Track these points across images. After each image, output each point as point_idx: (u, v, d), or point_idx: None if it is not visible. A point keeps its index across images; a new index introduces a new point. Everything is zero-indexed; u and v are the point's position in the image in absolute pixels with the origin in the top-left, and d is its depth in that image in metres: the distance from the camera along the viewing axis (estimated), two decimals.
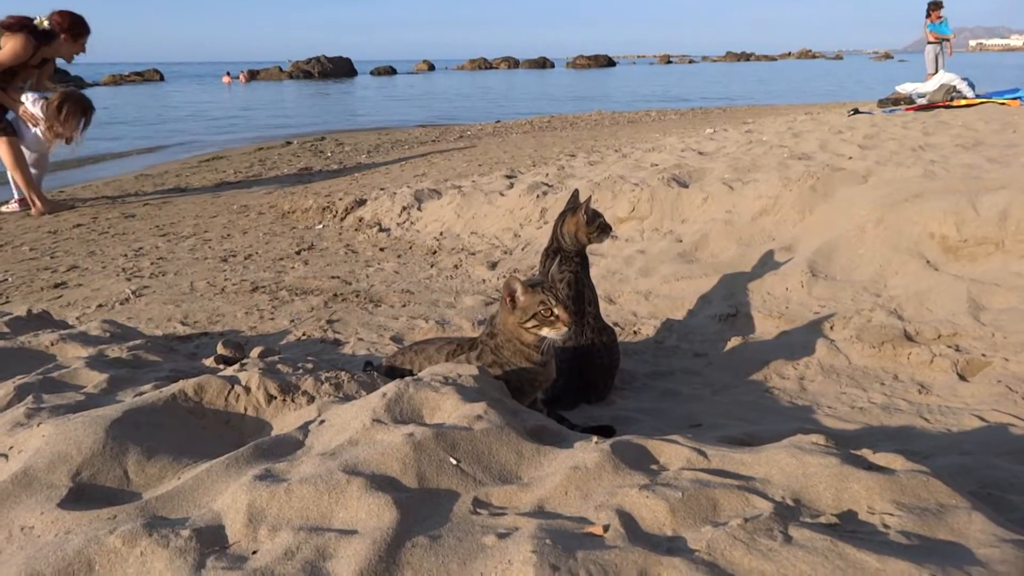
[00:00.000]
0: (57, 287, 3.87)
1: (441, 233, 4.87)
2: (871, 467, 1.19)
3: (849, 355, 2.55)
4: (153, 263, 4.33)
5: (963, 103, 8.91)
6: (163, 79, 45.84)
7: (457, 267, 4.12)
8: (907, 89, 10.17)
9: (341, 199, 5.73)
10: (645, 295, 3.37)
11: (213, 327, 3.18)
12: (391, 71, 53.65)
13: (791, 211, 3.83)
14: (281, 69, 45.86)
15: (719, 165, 5.21)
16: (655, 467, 1.27)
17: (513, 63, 68.92)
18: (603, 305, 2.93)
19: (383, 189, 6.18)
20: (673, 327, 3.00)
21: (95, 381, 1.79)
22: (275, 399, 1.60)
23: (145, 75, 46.12)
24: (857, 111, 9.31)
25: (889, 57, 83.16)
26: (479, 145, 10.21)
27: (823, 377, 2.44)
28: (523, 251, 4.31)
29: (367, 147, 10.41)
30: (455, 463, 1.25)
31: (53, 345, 2.15)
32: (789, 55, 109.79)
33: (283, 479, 1.19)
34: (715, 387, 2.46)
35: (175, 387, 1.58)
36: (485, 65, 67.42)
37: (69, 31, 5.87)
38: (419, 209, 5.27)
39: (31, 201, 5.93)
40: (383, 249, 4.60)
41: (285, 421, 1.54)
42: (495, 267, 4.06)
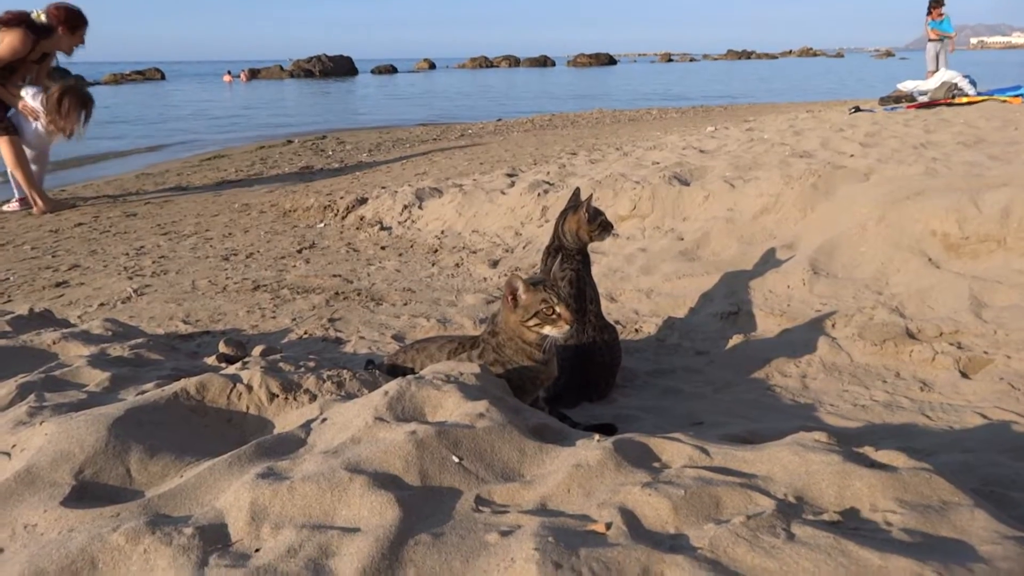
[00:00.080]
0: (59, 286, 3.87)
1: (442, 231, 4.86)
2: (873, 464, 1.19)
3: (851, 353, 2.55)
4: (155, 262, 4.33)
5: (964, 101, 8.90)
6: (164, 78, 45.79)
7: (458, 265, 4.12)
8: (908, 87, 10.15)
9: (342, 198, 5.73)
10: (646, 293, 3.37)
11: (215, 326, 3.18)
12: (392, 70, 53.56)
13: (792, 209, 3.83)
14: (282, 68, 45.82)
15: (720, 163, 5.21)
16: (657, 465, 1.27)
17: (514, 61, 68.86)
18: (604, 303, 2.93)
19: (384, 188, 6.18)
20: (675, 325, 3.00)
21: (97, 379, 1.79)
22: (277, 397, 1.60)
23: (146, 74, 46.09)
24: (858, 109, 9.30)
25: (890, 55, 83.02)
26: (480, 143, 10.21)
27: (825, 375, 2.44)
28: (524, 249, 4.31)
29: (368, 146, 10.41)
30: (457, 461, 1.25)
31: (55, 344, 2.15)
32: (790, 53, 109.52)
33: (285, 477, 1.20)
34: (717, 385, 2.46)
35: (177, 385, 1.58)
36: (486, 63, 67.36)
37: (66, 23, 5.85)
38: (420, 208, 5.26)
39: (32, 200, 5.92)
40: (384, 248, 4.60)
41: (287, 419, 1.55)
42: (496, 265, 4.06)
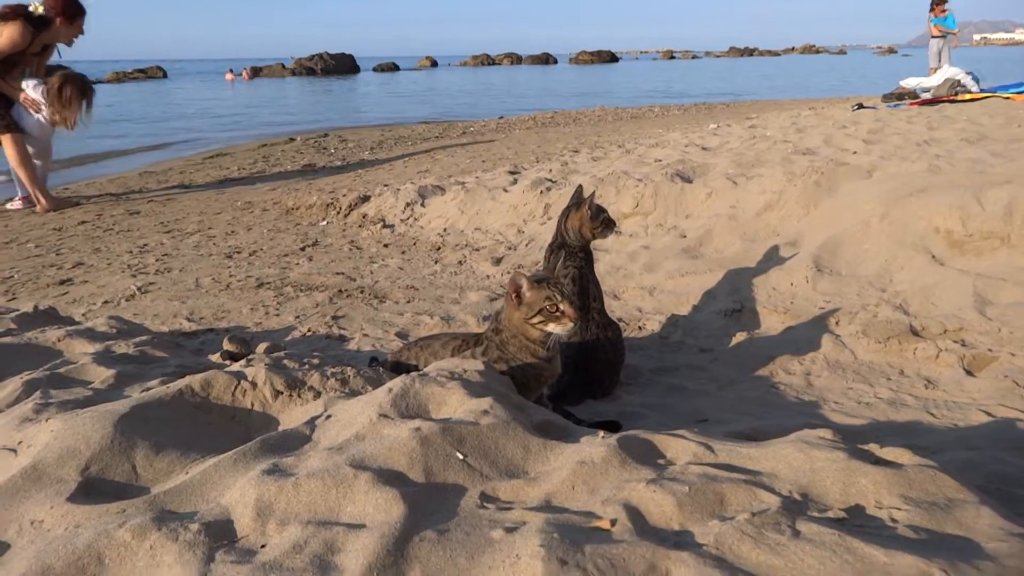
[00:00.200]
0: (63, 284, 3.88)
1: (445, 229, 4.86)
2: (878, 462, 1.19)
3: (855, 350, 2.54)
4: (158, 260, 4.34)
5: (968, 98, 8.87)
6: (166, 76, 45.78)
7: (461, 263, 4.12)
8: (911, 84, 10.13)
9: (345, 195, 5.73)
10: (650, 291, 3.37)
11: (219, 323, 3.19)
12: (394, 67, 53.52)
13: (795, 206, 3.82)
14: (284, 66, 45.84)
15: (723, 160, 5.20)
16: (662, 462, 1.27)
17: (516, 59, 68.78)
18: (608, 301, 2.93)
19: (387, 185, 6.18)
20: (678, 323, 2.99)
21: (102, 377, 1.80)
22: (281, 394, 1.60)
23: (148, 72, 46.02)
24: (861, 106, 9.27)
25: (893, 52, 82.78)
26: (482, 141, 10.21)
27: (829, 372, 2.43)
28: (527, 247, 4.31)
29: (370, 143, 10.41)
30: (462, 458, 1.25)
31: (60, 341, 2.15)
32: (792, 50, 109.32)
33: (291, 474, 1.20)
34: (721, 382, 2.46)
35: (182, 382, 1.59)
36: (488, 61, 67.33)
37: (64, 13, 5.84)
38: (423, 205, 5.27)
39: (36, 198, 5.93)
40: (387, 245, 4.60)
41: (291, 416, 1.55)
42: (499, 263, 4.06)
